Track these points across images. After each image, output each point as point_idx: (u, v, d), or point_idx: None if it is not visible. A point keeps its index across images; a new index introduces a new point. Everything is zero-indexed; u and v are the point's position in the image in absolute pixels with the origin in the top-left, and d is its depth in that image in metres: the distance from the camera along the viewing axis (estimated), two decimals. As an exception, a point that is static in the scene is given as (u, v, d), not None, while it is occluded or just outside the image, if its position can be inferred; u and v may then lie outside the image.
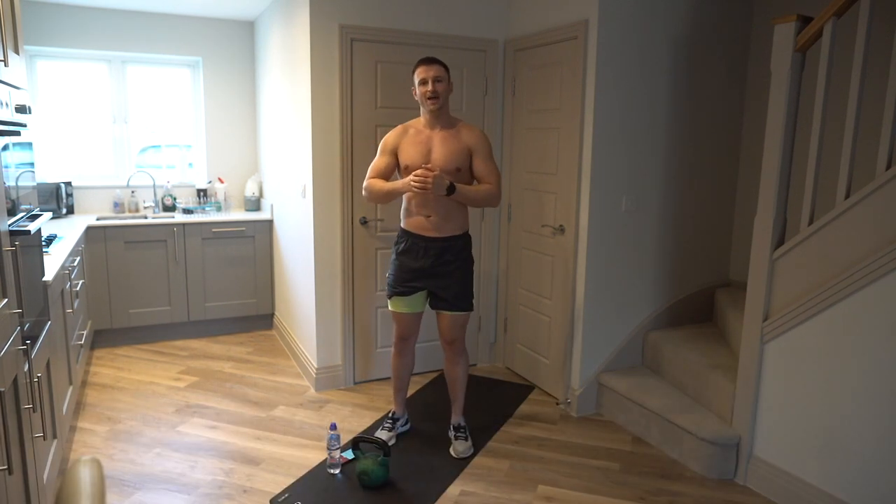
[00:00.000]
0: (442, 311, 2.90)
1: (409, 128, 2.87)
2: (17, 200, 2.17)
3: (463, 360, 2.99)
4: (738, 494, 2.67)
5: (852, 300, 2.31)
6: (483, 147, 2.80)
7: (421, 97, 2.76)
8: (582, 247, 3.26)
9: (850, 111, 2.33)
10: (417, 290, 2.88)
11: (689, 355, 3.16)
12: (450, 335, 2.92)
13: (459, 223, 2.85)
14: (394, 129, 2.90)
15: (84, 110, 4.71)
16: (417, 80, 2.74)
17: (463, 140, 2.78)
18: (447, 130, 2.80)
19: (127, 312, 4.35)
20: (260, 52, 4.75)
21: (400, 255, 2.88)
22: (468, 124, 2.86)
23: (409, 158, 2.79)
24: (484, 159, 2.80)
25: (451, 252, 2.83)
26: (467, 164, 2.80)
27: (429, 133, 2.81)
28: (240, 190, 5.05)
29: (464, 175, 2.81)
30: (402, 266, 2.87)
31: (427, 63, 2.73)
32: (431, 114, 2.78)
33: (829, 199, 2.53)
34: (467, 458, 2.93)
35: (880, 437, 2.24)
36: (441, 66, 2.73)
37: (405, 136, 2.84)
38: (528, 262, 3.75)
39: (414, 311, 2.94)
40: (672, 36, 3.27)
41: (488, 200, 2.81)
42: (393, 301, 2.94)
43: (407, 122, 2.92)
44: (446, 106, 2.80)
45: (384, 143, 2.87)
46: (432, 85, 2.70)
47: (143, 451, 2.95)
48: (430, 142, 2.79)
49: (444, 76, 2.74)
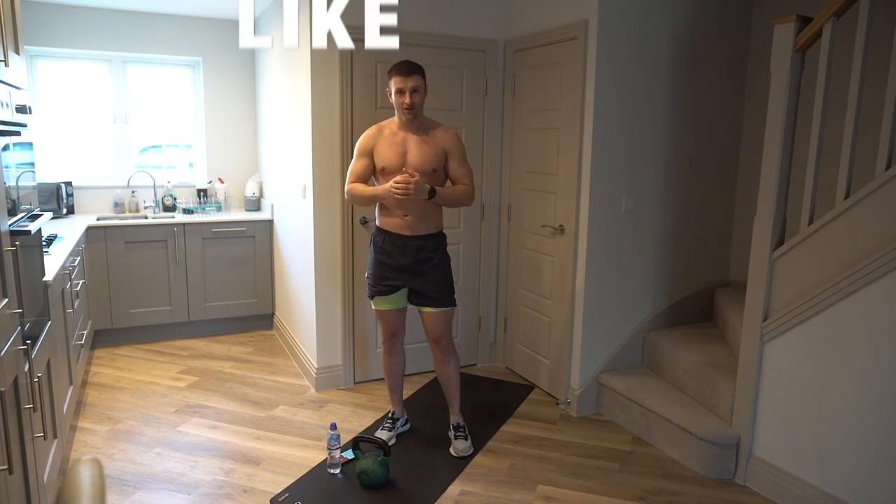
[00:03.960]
0: (425, 308, 2.91)
1: (383, 129, 2.86)
2: (17, 200, 2.18)
3: (453, 359, 2.99)
4: (738, 494, 2.67)
5: (852, 300, 2.31)
6: (457, 148, 2.84)
7: (398, 106, 2.75)
8: (582, 247, 3.26)
9: (849, 111, 2.33)
10: (398, 288, 2.90)
11: (689, 355, 3.16)
12: (435, 333, 2.93)
13: (435, 222, 2.88)
14: (368, 131, 2.89)
15: (84, 110, 4.71)
16: (394, 87, 2.73)
17: (438, 142, 2.81)
18: (422, 132, 2.82)
19: (127, 312, 4.35)
20: (260, 52, 4.75)
21: (378, 254, 2.89)
22: (442, 125, 2.88)
23: (385, 161, 2.80)
24: (458, 161, 2.84)
25: (428, 249, 2.85)
26: (442, 164, 2.84)
27: (404, 135, 2.81)
28: (240, 190, 5.05)
29: (439, 176, 2.84)
30: (381, 264, 2.88)
31: (405, 74, 2.69)
32: (406, 118, 2.78)
33: (829, 199, 2.53)
34: (467, 458, 2.93)
35: (880, 436, 2.24)
36: (419, 75, 2.72)
37: (380, 138, 2.83)
38: (528, 262, 3.75)
39: (397, 308, 2.96)
40: (672, 36, 3.27)
41: (464, 200, 2.87)
42: (375, 301, 2.96)
43: (381, 122, 2.91)
44: (421, 109, 2.80)
45: (360, 145, 2.86)
46: (409, 97, 2.70)
47: (143, 450, 2.95)
48: (406, 144, 2.80)
49: (422, 85, 2.73)
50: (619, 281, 3.35)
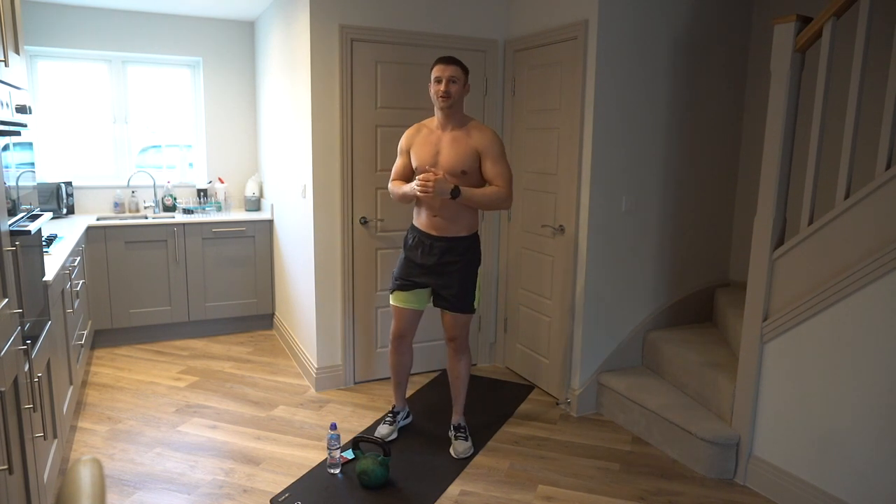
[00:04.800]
0: (445, 310, 2.94)
1: (422, 127, 2.90)
2: (17, 200, 2.18)
3: (465, 359, 3.01)
4: (738, 494, 2.67)
5: (852, 300, 2.31)
6: (493, 149, 2.76)
7: (434, 95, 2.78)
8: (582, 247, 3.26)
9: (849, 111, 2.33)
10: (419, 285, 2.91)
11: (688, 355, 3.16)
12: (451, 332, 2.97)
13: (467, 224, 2.85)
14: (409, 129, 2.95)
15: (84, 110, 4.71)
16: (433, 77, 2.76)
17: (472, 142, 2.77)
18: (457, 131, 2.80)
19: (127, 312, 4.35)
20: (260, 52, 4.75)
21: (407, 250, 2.94)
22: (481, 125, 2.84)
23: (418, 160, 2.83)
24: (493, 161, 2.76)
25: (454, 252, 2.84)
26: (476, 166, 2.78)
27: (440, 134, 2.83)
28: (240, 190, 5.06)
29: (471, 177, 2.78)
30: (407, 261, 2.93)
31: (445, 62, 2.75)
32: (443, 112, 2.79)
33: (829, 199, 2.53)
34: (467, 458, 2.93)
35: (880, 436, 2.24)
36: (459, 66, 2.75)
37: (417, 137, 2.87)
38: (528, 262, 3.75)
39: (411, 307, 2.96)
40: (672, 36, 3.27)
41: (497, 203, 2.78)
42: (394, 295, 2.98)
43: (422, 120, 2.95)
44: (459, 106, 2.80)
45: (400, 143, 2.95)
46: (446, 85, 2.72)
47: (143, 450, 2.95)
48: (440, 143, 2.80)
49: (461, 77, 2.75)
50: (619, 281, 3.35)
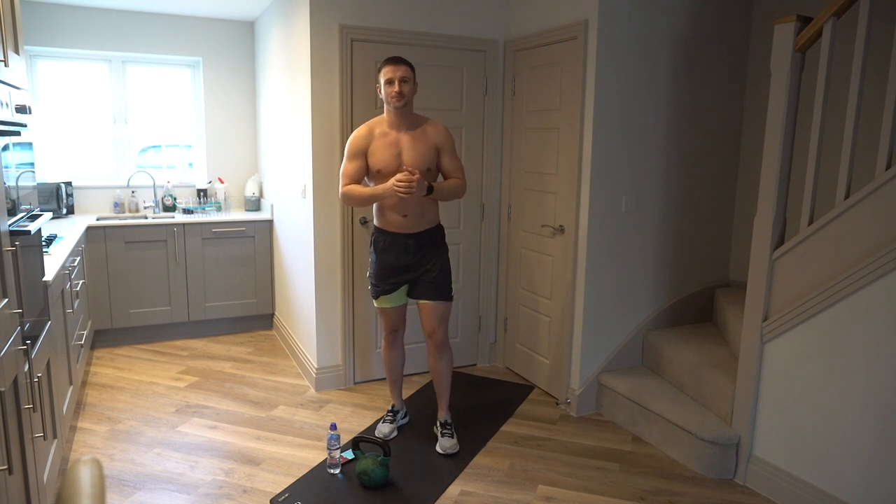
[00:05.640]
0: (422, 300, 2.95)
1: (373, 128, 2.86)
2: (17, 200, 2.18)
3: (446, 355, 3.01)
4: (738, 494, 2.67)
5: (852, 300, 2.31)
6: (449, 144, 2.90)
7: (386, 96, 2.79)
8: (582, 247, 3.26)
9: (849, 111, 2.33)
10: (400, 285, 2.96)
11: (689, 355, 3.16)
12: (430, 326, 2.95)
13: (433, 217, 2.94)
14: (357, 132, 2.88)
15: (84, 110, 4.71)
16: (384, 79, 2.77)
17: (430, 139, 2.86)
18: (413, 130, 2.84)
19: (127, 312, 4.35)
20: (260, 52, 4.75)
21: (381, 253, 2.93)
22: (432, 121, 2.92)
23: (381, 163, 2.82)
24: (450, 156, 2.91)
25: (429, 244, 2.92)
26: (436, 161, 2.89)
27: (396, 135, 2.84)
28: (240, 190, 5.06)
29: (433, 173, 2.90)
30: (384, 264, 2.93)
31: (395, 63, 2.76)
32: (397, 112, 2.81)
33: (829, 199, 2.53)
34: (467, 458, 2.93)
35: (880, 436, 2.24)
36: (408, 66, 2.78)
37: (373, 140, 2.84)
38: (528, 262, 3.75)
39: (399, 305, 3.04)
40: (672, 36, 3.27)
41: (458, 193, 2.94)
42: (380, 300, 3.02)
43: (369, 121, 2.92)
44: (411, 105, 2.84)
45: (351, 146, 2.86)
46: (399, 85, 2.74)
47: (143, 451, 2.95)
48: (399, 144, 2.83)
49: (411, 77, 2.78)
50: (619, 281, 3.35)
